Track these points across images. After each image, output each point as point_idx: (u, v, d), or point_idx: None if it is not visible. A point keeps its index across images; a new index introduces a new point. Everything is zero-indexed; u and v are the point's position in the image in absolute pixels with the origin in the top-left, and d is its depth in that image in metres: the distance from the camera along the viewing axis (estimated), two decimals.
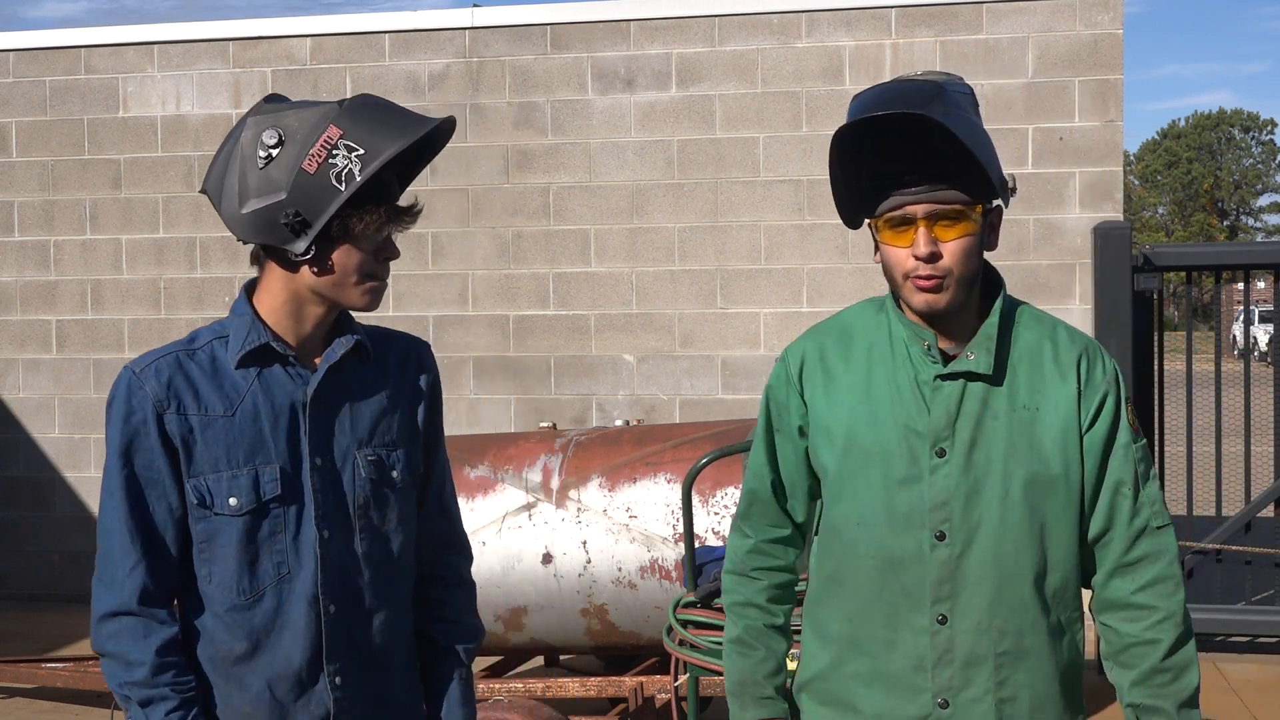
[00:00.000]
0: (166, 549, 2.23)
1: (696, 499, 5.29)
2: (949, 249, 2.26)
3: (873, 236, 2.37)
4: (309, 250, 2.18)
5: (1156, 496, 2.37)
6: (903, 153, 2.27)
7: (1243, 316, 14.98)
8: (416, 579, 2.43)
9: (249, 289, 2.31)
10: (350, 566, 2.28)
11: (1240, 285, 8.30)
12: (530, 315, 8.55)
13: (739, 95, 8.27)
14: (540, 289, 8.52)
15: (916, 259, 2.26)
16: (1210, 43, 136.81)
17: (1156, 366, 7.54)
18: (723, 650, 2.61)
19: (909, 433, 2.32)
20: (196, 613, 2.26)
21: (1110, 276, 7.22)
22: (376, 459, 2.31)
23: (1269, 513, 7.51)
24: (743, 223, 8.29)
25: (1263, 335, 24.85)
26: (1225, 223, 68.37)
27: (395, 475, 2.34)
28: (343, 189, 2.15)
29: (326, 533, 2.26)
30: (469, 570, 2.54)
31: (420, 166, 2.34)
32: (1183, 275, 7.82)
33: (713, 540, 5.27)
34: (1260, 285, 10.81)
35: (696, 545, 4.86)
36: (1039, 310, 2.45)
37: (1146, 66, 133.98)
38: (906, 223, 2.27)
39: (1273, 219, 69.58)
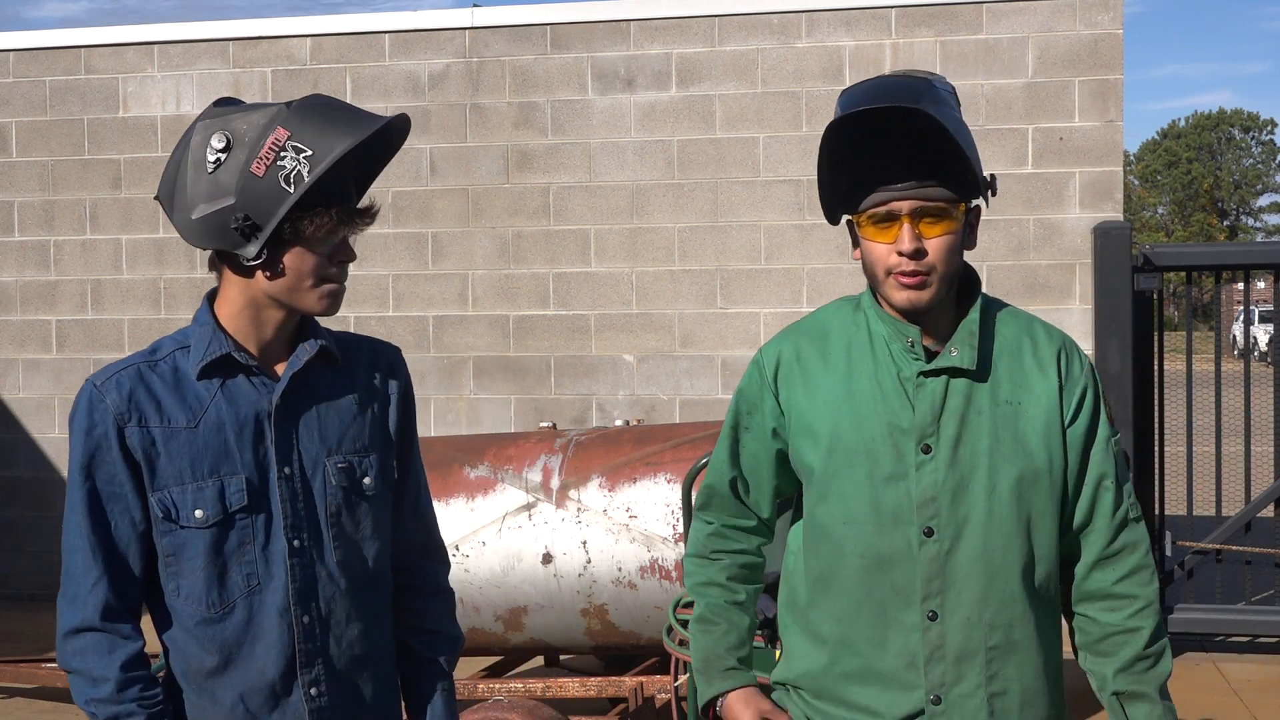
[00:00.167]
0: (130, 564, 2.20)
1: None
2: (933, 245, 2.27)
3: (851, 233, 2.38)
4: (260, 254, 2.15)
5: (1131, 489, 2.43)
6: (888, 149, 2.28)
7: (1243, 316, 14.99)
8: (394, 587, 2.40)
9: (211, 297, 2.28)
10: (322, 576, 2.24)
11: (1240, 285, 8.30)
12: (530, 315, 8.55)
13: (739, 95, 8.27)
14: (540, 289, 8.53)
15: (901, 255, 2.27)
16: (1210, 43, 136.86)
17: (1156, 366, 7.54)
18: (689, 632, 2.60)
19: (894, 430, 2.32)
20: (166, 627, 2.23)
21: (1110, 276, 7.22)
22: (347, 466, 2.28)
23: (1269, 513, 7.50)
24: (743, 223, 8.29)
25: (1263, 335, 24.86)
26: (1225, 223, 68.37)
27: (367, 482, 2.30)
28: (292, 191, 2.11)
29: (297, 542, 2.22)
30: (446, 577, 2.51)
31: (379, 167, 2.30)
32: (1183, 275, 7.82)
33: None
34: (1260, 285, 10.82)
35: None
36: (1014, 307, 2.47)
37: (1146, 66, 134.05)
38: (891, 219, 2.28)
39: (1273, 219, 69.63)
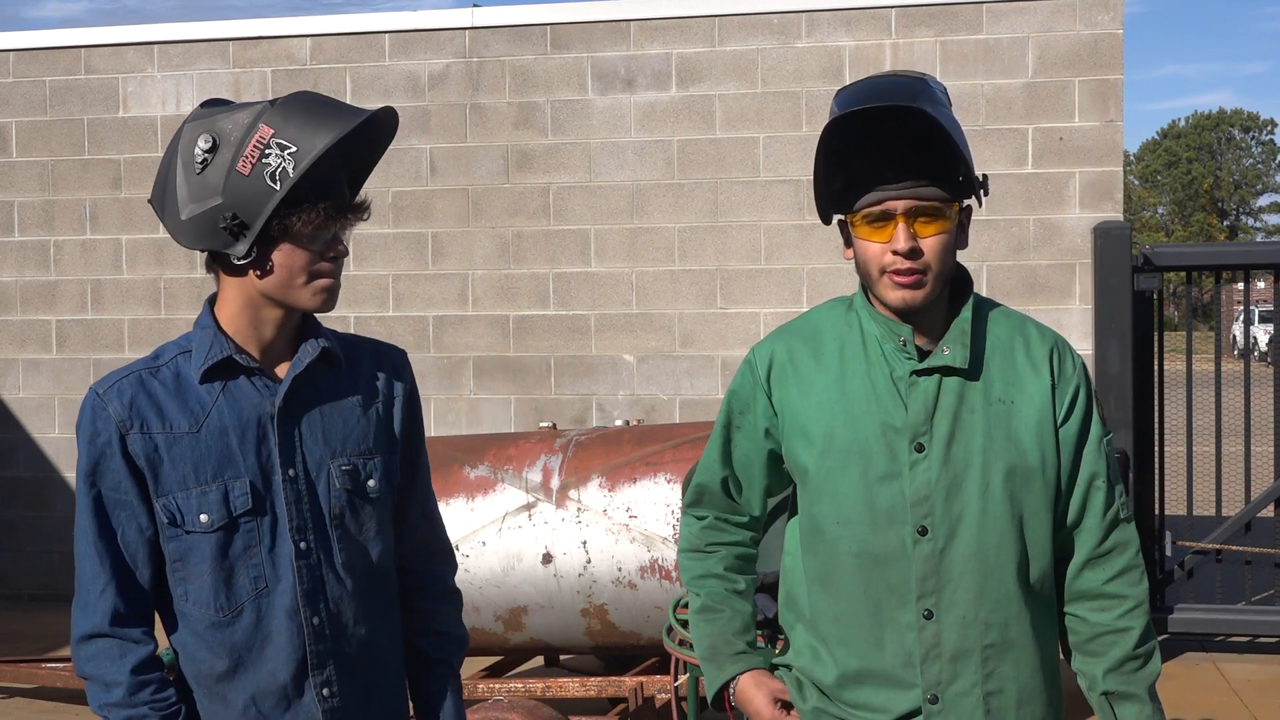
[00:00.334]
0: (138, 570, 2.21)
1: None
2: (928, 245, 2.28)
3: (844, 233, 2.38)
4: (250, 253, 2.15)
5: (1122, 490, 2.42)
6: (883, 149, 2.28)
7: (1243, 316, 14.99)
8: (402, 588, 2.41)
9: (212, 301, 2.28)
10: (330, 577, 2.25)
11: (1240, 285, 8.30)
12: (530, 315, 8.55)
13: (739, 95, 8.27)
14: (540, 289, 8.53)
15: (895, 254, 2.27)
16: (1210, 43, 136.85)
17: (1156, 366, 7.54)
18: (690, 625, 2.60)
19: (887, 429, 2.33)
20: (176, 631, 2.25)
21: (1110, 276, 7.22)
22: (351, 468, 2.28)
23: (1269, 513, 7.51)
24: (743, 223, 8.29)
25: (1263, 335, 24.86)
26: (1225, 223, 68.36)
27: (371, 485, 2.30)
28: (278, 188, 2.12)
29: (303, 544, 2.23)
30: (453, 578, 2.52)
31: (372, 161, 2.31)
32: (1183, 275, 7.82)
33: None
34: (1260, 285, 10.82)
35: None
36: (1006, 307, 2.48)
37: (1146, 66, 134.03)
38: (886, 218, 2.28)
39: (1273, 219, 69.62)
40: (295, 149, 2.12)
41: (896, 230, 2.27)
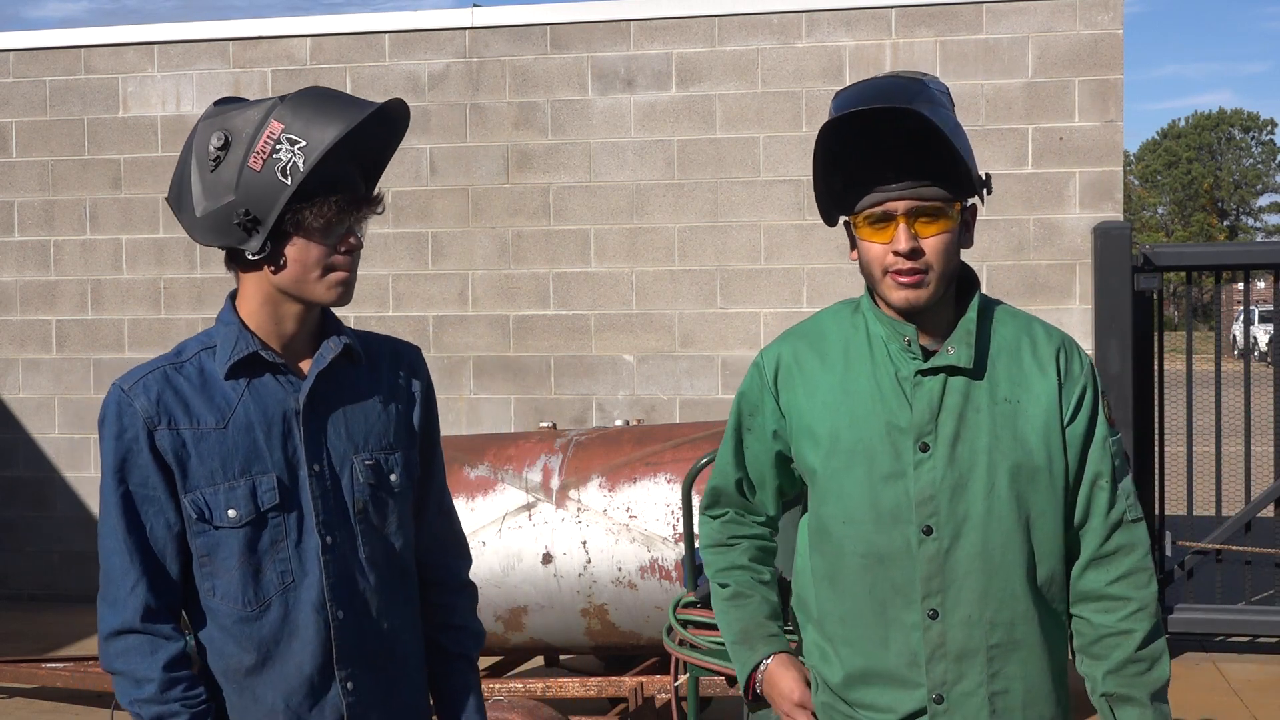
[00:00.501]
0: (167, 565, 2.22)
1: (696, 499, 5.28)
2: (929, 245, 2.28)
3: (849, 234, 2.39)
4: (264, 248, 2.17)
5: (1130, 490, 2.40)
6: (882, 150, 2.29)
7: (1243, 316, 14.99)
8: (419, 583, 2.43)
9: (234, 297, 2.30)
10: (355, 571, 2.27)
11: (1240, 285, 8.30)
12: (530, 315, 8.55)
13: (739, 95, 8.27)
14: (540, 289, 8.53)
15: (897, 254, 2.28)
16: (1210, 43, 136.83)
17: (1156, 366, 7.54)
18: (716, 616, 2.62)
19: (892, 429, 2.33)
20: (203, 627, 2.25)
21: (1110, 276, 7.21)
22: (374, 463, 2.30)
23: (1269, 513, 7.50)
24: (743, 223, 8.28)
25: (1263, 335, 24.85)
26: (1225, 223, 68.35)
27: (393, 479, 2.33)
28: (288, 183, 2.13)
29: (329, 538, 2.25)
30: (469, 572, 2.54)
31: (386, 154, 2.32)
32: (1183, 275, 7.82)
33: None
34: (1260, 285, 10.82)
35: (696, 545, 4.86)
36: (1013, 307, 2.48)
37: (1146, 66, 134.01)
38: (887, 219, 2.29)
39: (1273, 219, 69.61)
40: (305, 143, 2.13)
41: (897, 231, 2.28)
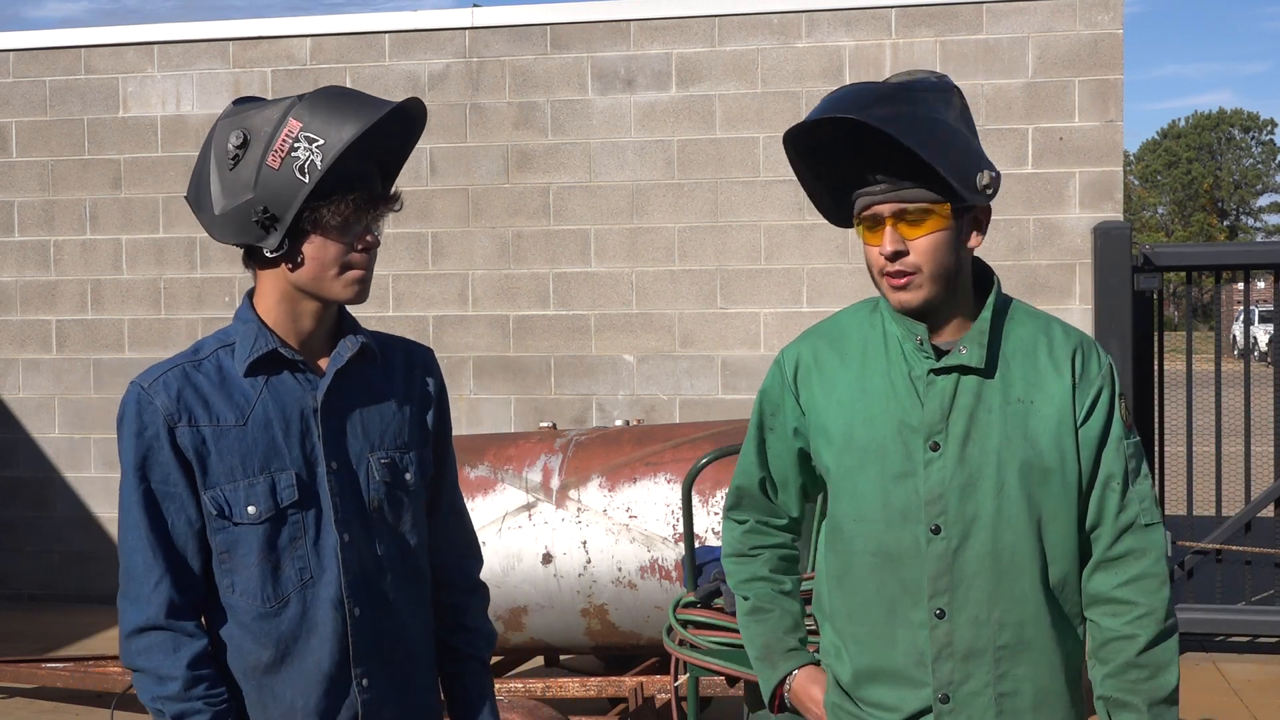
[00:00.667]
0: (189, 561, 2.23)
1: (696, 499, 5.28)
2: (916, 246, 2.28)
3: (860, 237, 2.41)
4: (282, 246, 2.19)
5: (1147, 494, 2.37)
6: (861, 154, 2.30)
7: (1243, 316, 14.99)
8: (432, 583, 2.44)
9: (251, 295, 2.31)
10: (371, 569, 2.28)
11: (1240, 285, 8.30)
12: (530, 315, 8.54)
13: (739, 95, 8.27)
14: (540, 289, 8.52)
15: (884, 256, 2.30)
16: (1210, 43, 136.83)
17: (1156, 366, 7.54)
18: (739, 629, 2.62)
19: (903, 428, 2.33)
20: (222, 624, 2.26)
21: (1110, 276, 7.22)
22: (390, 462, 2.32)
23: (1269, 513, 7.50)
24: (743, 223, 8.28)
25: (1263, 335, 24.84)
26: (1225, 223, 68.35)
27: (408, 478, 2.34)
28: (307, 181, 2.15)
29: (347, 536, 2.26)
30: (479, 573, 2.55)
31: (403, 153, 2.33)
32: (1183, 275, 7.82)
33: (713, 540, 5.27)
34: (1260, 285, 10.81)
35: (696, 545, 4.86)
36: (1034, 308, 2.47)
37: (1146, 66, 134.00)
38: (877, 222, 2.30)
39: (1273, 219, 69.60)
40: (322, 141, 2.15)
41: (884, 233, 2.29)
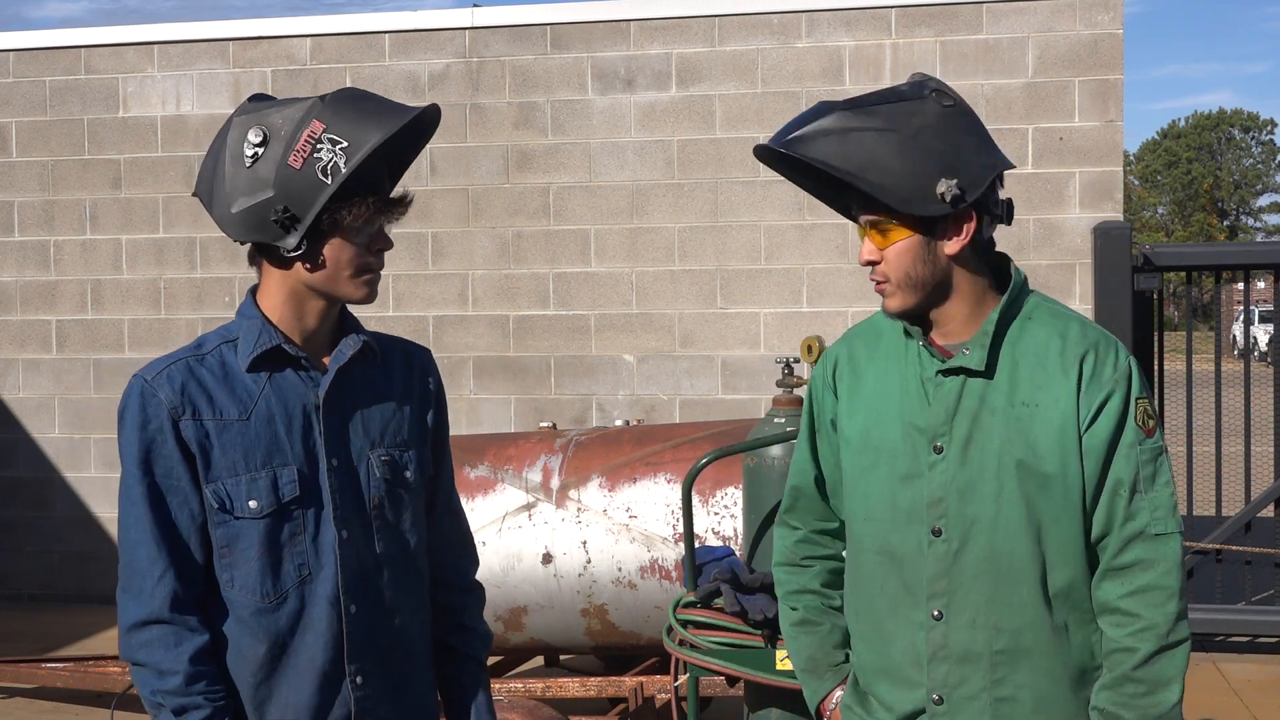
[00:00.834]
0: (192, 555, 2.22)
1: (696, 499, 5.28)
2: (885, 255, 2.33)
3: None
4: (300, 245, 2.19)
5: (1163, 502, 2.30)
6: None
7: (1243, 316, 14.99)
8: (429, 582, 2.44)
9: (254, 292, 2.31)
10: (369, 566, 2.29)
11: (1240, 285, 8.30)
12: (530, 315, 8.55)
13: (739, 95, 8.27)
14: (540, 289, 8.52)
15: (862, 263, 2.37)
16: (1211, 43, 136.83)
17: (1156, 366, 7.54)
18: (784, 638, 2.64)
19: (912, 429, 2.35)
20: (220, 619, 2.26)
21: (1110, 276, 7.22)
22: (390, 459, 2.33)
23: (1269, 513, 7.50)
24: (743, 223, 8.28)
25: (1263, 335, 24.84)
26: (1225, 223, 68.32)
27: (408, 475, 2.35)
28: (329, 182, 2.15)
29: (345, 533, 2.26)
30: (475, 573, 2.57)
31: (412, 156, 2.35)
32: (1183, 275, 7.83)
33: (713, 540, 5.27)
34: (1260, 285, 10.82)
35: (696, 545, 4.86)
36: (1059, 307, 2.43)
37: (1146, 66, 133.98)
38: (862, 230, 2.37)
39: (1273, 219, 69.57)
40: (347, 144, 2.15)
41: (865, 242, 2.36)
